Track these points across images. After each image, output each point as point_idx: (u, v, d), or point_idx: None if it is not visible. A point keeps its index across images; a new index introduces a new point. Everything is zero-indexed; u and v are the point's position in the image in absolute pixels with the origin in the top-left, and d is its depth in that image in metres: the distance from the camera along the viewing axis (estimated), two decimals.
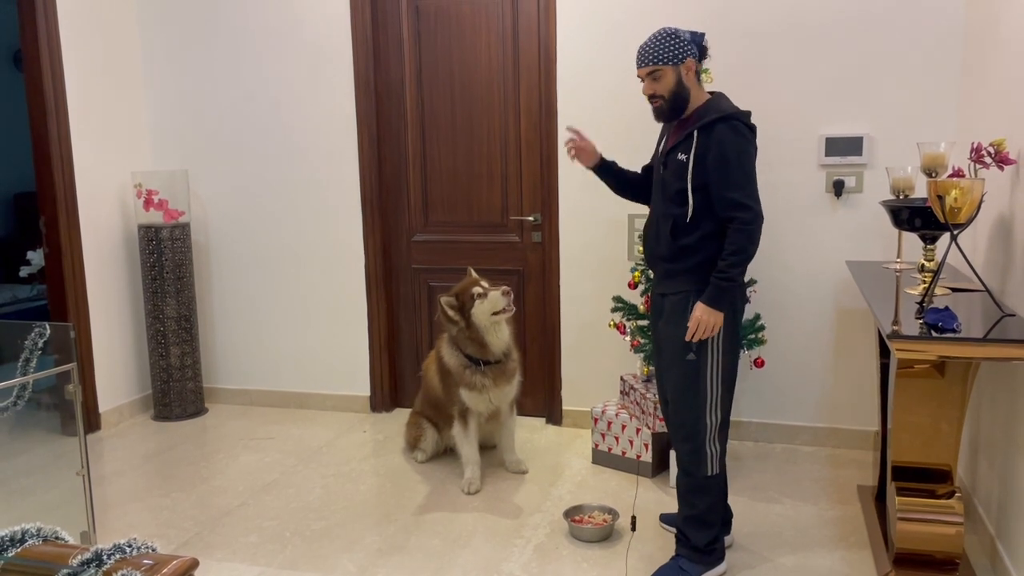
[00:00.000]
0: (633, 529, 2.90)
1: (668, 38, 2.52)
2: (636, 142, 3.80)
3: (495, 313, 3.30)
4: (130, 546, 1.29)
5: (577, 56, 3.88)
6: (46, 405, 4.20)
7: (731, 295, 2.50)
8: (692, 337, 2.49)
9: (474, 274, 3.46)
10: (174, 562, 1.26)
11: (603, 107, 3.87)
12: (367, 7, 4.14)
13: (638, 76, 2.59)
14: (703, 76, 3.27)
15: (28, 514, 3.35)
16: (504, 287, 3.30)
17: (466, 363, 3.38)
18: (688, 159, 2.50)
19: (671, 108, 2.56)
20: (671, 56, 2.51)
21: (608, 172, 2.87)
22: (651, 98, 2.57)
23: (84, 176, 4.16)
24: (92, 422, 4.22)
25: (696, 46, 2.55)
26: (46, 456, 3.90)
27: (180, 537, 3.09)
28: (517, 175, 4.12)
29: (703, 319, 2.47)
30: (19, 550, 1.34)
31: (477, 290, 3.29)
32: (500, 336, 3.37)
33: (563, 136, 3.88)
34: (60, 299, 4.11)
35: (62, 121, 4.03)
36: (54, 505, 3.29)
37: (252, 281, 4.56)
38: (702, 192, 2.50)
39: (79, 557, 1.27)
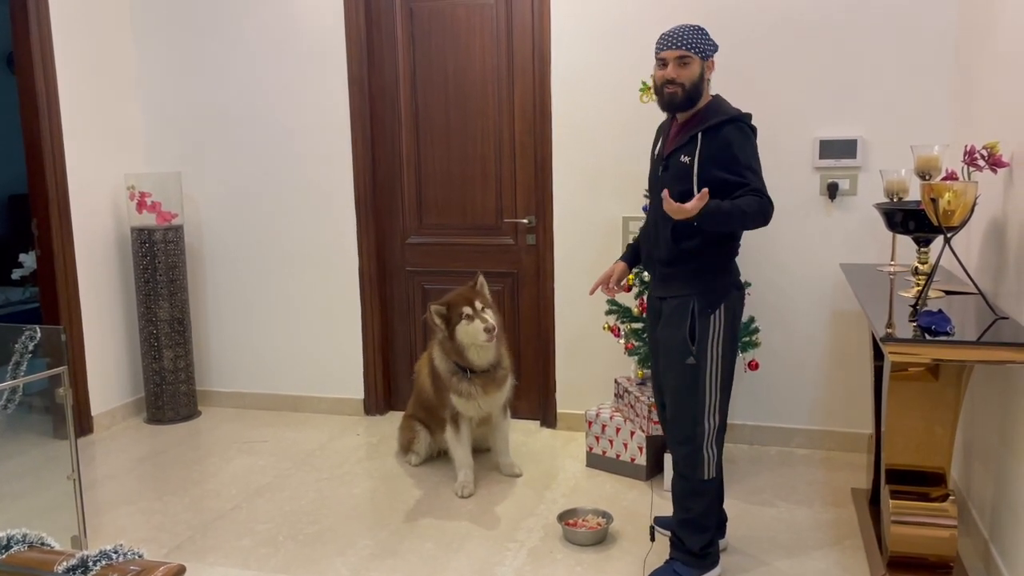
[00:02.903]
0: (652, 539, 2.87)
1: (702, 31, 2.53)
2: (630, 143, 3.81)
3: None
4: (116, 552, 1.28)
5: (571, 58, 3.87)
6: (38, 408, 4.18)
7: (718, 222, 2.40)
8: (665, 205, 2.35)
9: (482, 282, 3.41)
10: (160, 569, 1.24)
11: (598, 109, 3.86)
12: (361, 8, 4.13)
13: (660, 58, 2.53)
14: None
15: (19, 518, 3.32)
16: (490, 324, 3.21)
17: (455, 370, 3.37)
18: (692, 161, 2.48)
19: (687, 98, 2.52)
20: (703, 49, 2.51)
21: (638, 259, 2.86)
22: (668, 84, 2.51)
23: (77, 178, 4.14)
24: (84, 425, 4.20)
25: (716, 51, 2.57)
26: (38, 459, 3.88)
27: (172, 541, 3.07)
28: (511, 177, 4.11)
29: (685, 208, 2.31)
30: (4, 556, 1.32)
31: (466, 310, 3.25)
32: (482, 355, 3.33)
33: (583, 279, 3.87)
34: (52, 302, 4.09)
35: (54, 123, 4.01)
36: (45, 509, 3.26)
37: (246, 283, 4.54)
38: None
39: (64, 564, 1.26)
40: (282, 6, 4.24)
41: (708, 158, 2.46)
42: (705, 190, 2.33)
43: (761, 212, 2.42)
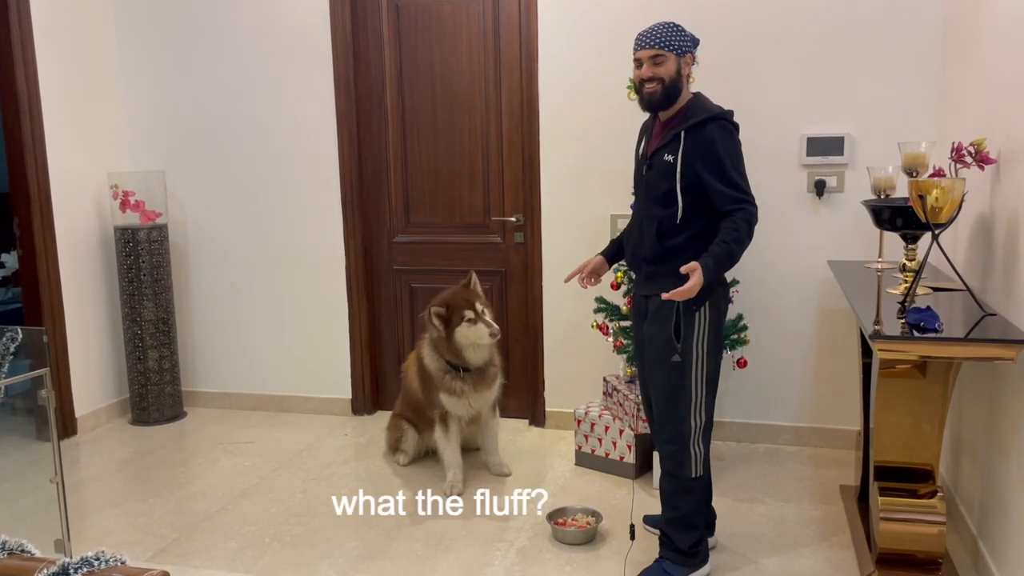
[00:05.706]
0: (632, 538, 2.87)
1: (676, 28, 2.51)
2: (618, 140, 3.80)
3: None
4: (98, 559, 1.25)
5: (559, 54, 3.85)
6: (20, 410, 4.14)
7: (725, 269, 2.45)
8: (669, 296, 2.35)
9: (475, 280, 3.41)
10: (143, 575, 1.22)
11: (585, 105, 3.85)
12: (347, 6, 4.10)
13: (637, 59, 2.53)
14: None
15: (1, 522, 3.28)
16: (495, 329, 3.24)
17: (446, 368, 3.35)
18: (676, 160, 2.48)
19: (665, 95, 2.51)
20: (677, 45, 2.50)
21: (619, 255, 2.86)
22: (647, 82, 2.51)
23: (59, 177, 4.09)
24: (68, 427, 4.16)
25: (695, 46, 2.56)
26: (21, 461, 3.84)
27: (157, 544, 3.04)
28: (499, 175, 4.09)
29: (692, 286, 2.32)
30: None
31: (468, 314, 3.24)
32: (479, 354, 3.33)
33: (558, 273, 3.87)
34: (35, 302, 4.04)
35: (36, 120, 3.96)
36: (29, 512, 3.23)
37: (231, 283, 4.50)
38: (691, 193, 2.48)
39: (45, 571, 1.24)
40: (267, 4, 4.20)
41: (691, 156, 2.46)
42: (694, 263, 2.34)
43: (748, 229, 2.43)
